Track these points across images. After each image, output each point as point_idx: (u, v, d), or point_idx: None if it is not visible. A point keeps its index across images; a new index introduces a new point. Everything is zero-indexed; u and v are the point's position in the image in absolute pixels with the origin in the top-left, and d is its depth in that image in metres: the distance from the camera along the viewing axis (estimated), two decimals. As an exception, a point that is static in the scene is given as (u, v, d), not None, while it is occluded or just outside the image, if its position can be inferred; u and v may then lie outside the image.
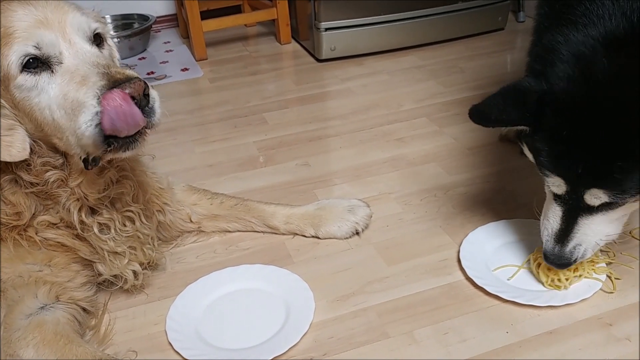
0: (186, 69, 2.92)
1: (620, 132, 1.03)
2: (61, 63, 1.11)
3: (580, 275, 1.35)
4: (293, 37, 3.18)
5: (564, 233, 1.23)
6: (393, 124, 2.22)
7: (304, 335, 1.27)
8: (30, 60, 1.10)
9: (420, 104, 2.37)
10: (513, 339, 1.25)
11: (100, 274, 1.36)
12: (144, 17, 3.30)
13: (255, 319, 1.34)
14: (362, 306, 1.37)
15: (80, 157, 1.17)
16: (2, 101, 1.13)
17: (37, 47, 1.10)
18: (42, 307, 1.21)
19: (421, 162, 1.95)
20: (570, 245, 1.23)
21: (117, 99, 1.04)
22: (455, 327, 1.29)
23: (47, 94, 1.11)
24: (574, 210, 1.19)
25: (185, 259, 1.56)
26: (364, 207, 1.63)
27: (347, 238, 1.59)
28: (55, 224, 1.27)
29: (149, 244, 1.41)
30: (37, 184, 1.21)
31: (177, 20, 3.49)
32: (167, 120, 2.29)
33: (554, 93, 1.09)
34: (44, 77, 1.11)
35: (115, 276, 1.37)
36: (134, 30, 3.16)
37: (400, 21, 2.86)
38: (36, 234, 1.25)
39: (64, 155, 1.21)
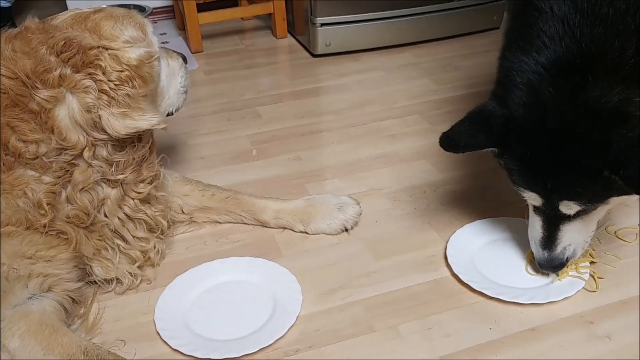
0: (181, 61, 2.91)
1: (573, 152, 1.10)
2: None
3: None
4: (289, 32, 3.18)
5: (550, 239, 1.28)
6: (386, 120, 2.23)
7: (291, 327, 1.29)
8: None
9: (414, 101, 2.38)
10: (496, 335, 1.27)
11: (95, 275, 1.39)
12: (140, 8, 3.28)
13: (243, 311, 1.35)
14: (349, 300, 1.38)
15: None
16: None
17: None
18: (29, 297, 1.21)
19: (412, 158, 1.96)
20: (559, 249, 1.28)
21: None
22: (439, 322, 1.31)
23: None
24: (554, 218, 1.25)
25: (175, 250, 1.57)
26: (353, 205, 1.64)
27: (335, 234, 1.60)
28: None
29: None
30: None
31: (173, 12, 3.48)
32: (160, 112, 2.32)
33: (515, 119, 1.15)
34: None
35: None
36: (130, 20, 3.15)
37: (396, 18, 2.86)
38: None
39: None
